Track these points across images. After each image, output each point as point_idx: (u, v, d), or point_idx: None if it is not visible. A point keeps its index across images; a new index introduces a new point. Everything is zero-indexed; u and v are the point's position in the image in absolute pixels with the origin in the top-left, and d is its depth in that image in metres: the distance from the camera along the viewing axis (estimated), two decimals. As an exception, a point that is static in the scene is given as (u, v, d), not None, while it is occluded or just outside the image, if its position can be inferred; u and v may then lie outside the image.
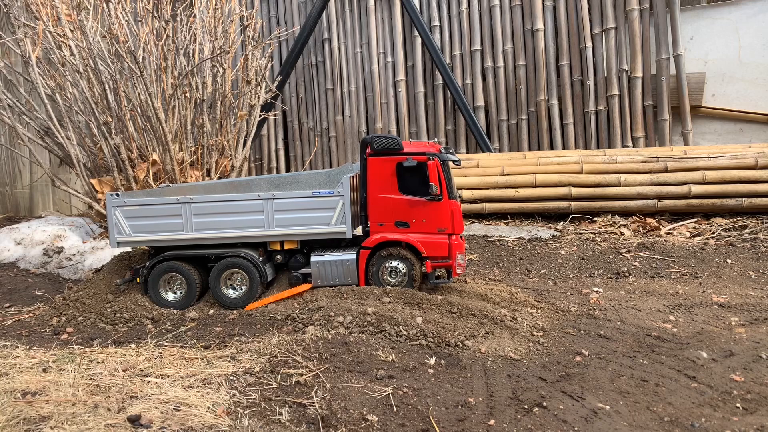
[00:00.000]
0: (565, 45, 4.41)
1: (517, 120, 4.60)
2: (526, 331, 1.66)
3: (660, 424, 1.12)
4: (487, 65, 4.68)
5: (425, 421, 1.13)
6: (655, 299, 1.98)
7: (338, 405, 1.17)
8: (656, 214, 3.29)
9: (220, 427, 1.07)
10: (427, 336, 1.58)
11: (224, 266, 1.99)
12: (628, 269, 2.40)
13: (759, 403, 1.19)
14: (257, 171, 5.49)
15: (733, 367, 1.36)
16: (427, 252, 1.96)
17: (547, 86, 4.48)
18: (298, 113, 5.39)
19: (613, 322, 1.74)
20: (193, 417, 1.10)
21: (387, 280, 1.98)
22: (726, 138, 4.19)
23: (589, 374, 1.35)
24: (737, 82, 4.16)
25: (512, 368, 1.40)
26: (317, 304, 1.84)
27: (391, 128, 4.98)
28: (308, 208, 1.98)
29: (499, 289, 2.08)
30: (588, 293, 2.09)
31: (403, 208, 1.97)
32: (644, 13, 4.18)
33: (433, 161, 1.93)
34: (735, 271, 2.32)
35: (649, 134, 4.22)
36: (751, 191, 3.12)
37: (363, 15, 5.06)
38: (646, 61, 4.20)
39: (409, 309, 1.77)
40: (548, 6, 4.44)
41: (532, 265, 2.54)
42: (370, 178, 1.99)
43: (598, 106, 4.35)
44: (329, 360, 1.41)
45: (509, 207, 3.52)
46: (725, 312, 1.81)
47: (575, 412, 1.16)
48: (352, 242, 2.05)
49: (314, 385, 1.26)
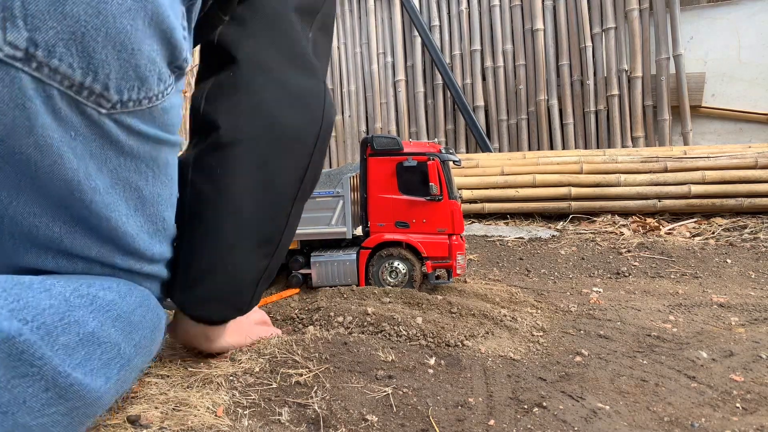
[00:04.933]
0: (565, 45, 4.41)
1: (517, 120, 4.60)
2: (526, 331, 1.66)
3: (660, 424, 1.12)
4: (486, 65, 4.68)
5: (425, 421, 1.13)
6: (655, 299, 1.98)
7: (338, 405, 1.17)
8: (656, 214, 3.29)
9: (220, 427, 1.07)
10: (427, 336, 1.58)
11: (224, 266, 1.98)
12: (628, 269, 2.40)
13: (759, 403, 1.19)
14: (257, 171, 5.50)
15: (733, 367, 1.36)
16: (427, 252, 1.96)
17: (547, 86, 4.48)
18: (298, 113, 5.39)
19: (613, 322, 1.74)
20: (193, 417, 1.10)
21: (387, 281, 1.97)
22: (726, 138, 4.19)
23: (589, 374, 1.35)
24: (737, 82, 4.16)
25: (512, 368, 1.40)
26: (317, 304, 1.84)
27: (391, 128, 4.98)
28: (308, 208, 1.98)
29: (499, 289, 2.08)
30: (588, 293, 2.09)
31: (403, 209, 1.97)
32: (644, 13, 4.18)
33: (433, 161, 1.93)
34: (735, 271, 2.32)
35: (649, 134, 4.22)
36: (751, 191, 3.12)
37: (362, 15, 5.06)
38: (646, 61, 4.21)
39: (409, 309, 1.77)
40: (548, 6, 4.44)
41: (532, 265, 2.54)
42: (370, 178, 1.99)
43: (598, 106, 4.35)
44: (329, 360, 1.41)
45: (509, 207, 3.53)
46: (725, 312, 1.81)
47: (575, 412, 1.16)
48: (352, 242, 2.05)
49: (314, 386, 1.26)
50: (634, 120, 4.22)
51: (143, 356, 1.04)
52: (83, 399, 0.85)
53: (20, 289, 0.80)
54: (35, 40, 0.78)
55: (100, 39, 0.82)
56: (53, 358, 0.80)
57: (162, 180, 1.03)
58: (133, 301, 1.01)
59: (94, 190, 0.91)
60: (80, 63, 0.82)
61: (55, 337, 0.81)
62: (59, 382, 0.80)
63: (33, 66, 0.79)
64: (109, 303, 0.94)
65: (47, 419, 0.80)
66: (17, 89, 0.79)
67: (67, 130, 0.85)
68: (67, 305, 0.86)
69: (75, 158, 0.88)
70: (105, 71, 0.84)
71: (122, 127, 0.92)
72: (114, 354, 0.92)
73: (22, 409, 0.76)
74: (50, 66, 0.80)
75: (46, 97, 0.82)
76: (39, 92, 0.81)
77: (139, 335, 1.01)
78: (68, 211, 0.91)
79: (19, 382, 0.75)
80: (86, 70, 0.83)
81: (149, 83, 0.91)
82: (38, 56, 0.79)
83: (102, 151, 0.91)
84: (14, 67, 0.79)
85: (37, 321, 0.79)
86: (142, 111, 0.93)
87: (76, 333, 0.85)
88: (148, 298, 1.07)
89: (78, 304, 0.88)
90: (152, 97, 0.93)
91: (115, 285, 0.99)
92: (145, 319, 1.04)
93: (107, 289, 0.96)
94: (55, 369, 0.80)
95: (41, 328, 0.79)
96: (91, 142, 0.89)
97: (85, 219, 0.93)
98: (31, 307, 0.79)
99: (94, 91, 0.85)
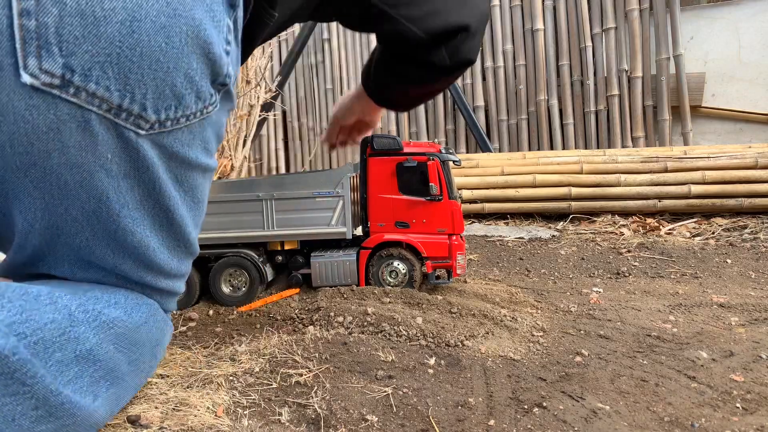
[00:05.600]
0: (565, 45, 4.41)
1: (517, 120, 4.60)
2: (526, 331, 1.66)
3: (660, 424, 1.12)
4: (487, 65, 4.67)
5: (425, 422, 1.13)
6: (655, 299, 1.98)
7: (338, 405, 1.17)
8: (656, 214, 3.29)
9: (220, 427, 1.07)
10: (427, 336, 1.58)
11: (224, 266, 1.98)
12: (628, 269, 2.40)
13: (759, 403, 1.19)
14: (257, 171, 5.49)
15: (733, 367, 1.36)
16: (427, 252, 1.96)
17: (547, 86, 4.48)
18: (298, 113, 5.39)
19: (613, 322, 1.74)
20: (193, 417, 1.10)
21: (387, 281, 1.97)
22: (726, 138, 4.19)
23: (589, 374, 1.35)
24: (737, 82, 4.16)
25: (512, 368, 1.40)
26: (317, 304, 1.84)
27: (391, 128, 4.98)
28: (308, 208, 1.98)
29: (499, 289, 2.08)
30: (588, 293, 2.09)
31: (403, 209, 1.97)
32: (644, 13, 4.18)
33: (433, 161, 1.93)
34: (735, 271, 2.32)
35: (649, 134, 4.22)
36: (751, 191, 3.12)
37: (363, 15, 5.07)
38: (646, 61, 4.20)
39: (409, 309, 1.77)
40: (548, 6, 4.44)
41: (532, 265, 2.54)
42: (370, 178, 1.99)
43: (598, 106, 4.35)
44: (329, 360, 1.40)
45: (509, 207, 3.53)
46: (725, 312, 1.81)
47: (575, 412, 1.16)
48: (352, 242, 2.05)
49: (314, 386, 1.26)
50: (634, 120, 4.22)
51: (140, 373, 1.04)
52: (73, 417, 0.84)
53: (25, 300, 0.80)
54: (71, 65, 0.77)
55: (135, 59, 0.80)
56: (46, 377, 0.79)
57: (190, 202, 1.03)
58: (139, 317, 1.00)
59: (123, 205, 0.91)
60: (117, 85, 0.81)
61: (50, 353, 0.80)
62: (50, 400, 0.79)
63: (70, 92, 0.78)
64: (113, 320, 0.93)
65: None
66: (53, 116, 0.78)
67: (102, 152, 0.85)
68: (70, 320, 0.85)
69: (107, 177, 0.87)
70: (141, 91, 0.83)
71: (158, 149, 0.91)
72: (106, 372, 0.92)
73: (11, 426, 0.75)
74: (87, 90, 0.79)
75: (83, 121, 0.81)
76: (76, 117, 0.80)
77: (138, 353, 1.00)
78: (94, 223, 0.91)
79: (10, 400, 0.74)
80: (123, 91, 0.81)
81: (186, 101, 0.89)
82: (75, 81, 0.78)
83: (136, 173, 0.90)
84: (51, 94, 0.78)
85: (35, 336, 0.78)
86: (179, 129, 0.92)
87: (72, 350, 0.84)
88: (155, 313, 1.07)
89: (81, 319, 0.87)
90: (190, 115, 0.92)
91: (122, 300, 0.98)
92: (149, 336, 1.03)
93: (113, 305, 0.95)
94: (47, 387, 0.79)
95: (38, 344, 0.78)
96: (125, 163, 0.88)
97: (111, 232, 0.92)
98: (32, 320, 0.79)
99: (132, 113, 0.84)
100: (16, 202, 0.86)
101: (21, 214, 0.87)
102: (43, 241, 0.91)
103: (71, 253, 0.93)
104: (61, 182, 0.84)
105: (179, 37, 0.84)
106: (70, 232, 0.90)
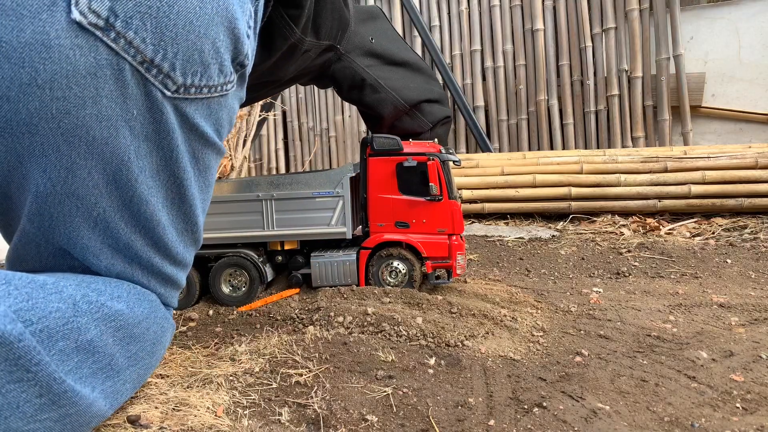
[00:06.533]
0: (565, 45, 4.41)
1: (517, 120, 4.60)
2: (526, 331, 1.66)
3: (660, 424, 1.12)
4: (487, 65, 4.68)
5: (425, 422, 1.13)
6: (655, 299, 1.98)
7: (338, 405, 1.17)
8: (656, 214, 3.29)
9: (220, 427, 1.07)
10: (427, 336, 1.58)
11: (224, 266, 1.98)
12: (628, 269, 2.40)
13: (759, 403, 1.19)
14: (257, 171, 5.49)
15: (733, 367, 1.36)
16: (427, 252, 1.95)
17: (547, 86, 4.48)
18: (298, 113, 5.39)
19: (613, 322, 1.74)
20: (193, 417, 1.10)
21: (387, 281, 1.97)
22: (726, 138, 4.19)
23: (589, 374, 1.35)
24: (737, 82, 4.16)
25: (512, 368, 1.39)
26: (317, 304, 1.84)
27: (391, 128, 4.98)
28: (308, 208, 1.98)
29: (499, 289, 2.08)
30: (588, 293, 2.09)
31: (403, 209, 1.97)
32: (644, 13, 4.18)
33: (433, 161, 1.93)
34: (735, 271, 2.32)
35: (649, 134, 4.22)
36: (751, 191, 3.12)
37: (363, 15, 5.06)
38: (646, 61, 4.20)
39: (409, 309, 1.77)
40: (548, 6, 4.44)
41: (532, 265, 2.54)
42: (370, 178, 1.99)
43: (598, 106, 4.35)
44: (329, 360, 1.40)
45: (509, 207, 3.52)
46: (725, 312, 1.81)
47: (575, 412, 1.16)
48: (352, 242, 2.05)
49: (314, 386, 1.26)
50: (634, 120, 4.21)
51: (138, 368, 1.04)
52: (76, 406, 0.85)
53: (32, 288, 0.81)
54: (115, 10, 0.82)
55: (172, 16, 0.85)
56: (50, 364, 0.80)
57: (201, 183, 1.06)
58: (141, 312, 1.01)
59: (141, 170, 0.94)
60: (152, 38, 0.85)
61: (54, 342, 0.81)
62: (54, 388, 0.81)
63: (111, 36, 0.83)
64: (114, 313, 0.94)
65: (39, 425, 0.80)
66: (92, 59, 0.82)
67: (129, 107, 0.88)
68: (74, 310, 0.86)
69: (130, 135, 0.90)
70: (173, 50, 0.88)
71: (179, 115, 0.95)
72: (104, 364, 0.92)
73: (15, 413, 0.76)
74: (126, 38, 0.84)
75: (117, 70, 0.85)
76: (112, 64, 0.84)
77: (136, 347, 1.01)
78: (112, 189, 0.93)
79: (14, 386, 0.76)
80: (157, 46, 0.86)
81: (210, 71, 0.95)
82: (117, 26, 0.83)
83: (156, 135, 0.93)
84: (94, 35, 0.82)
85: (40, 324, 0.79)
86: (201, 100, 0.97)
87: (74, 339, 0.85)
88: (156, 309, 1.08)
89: (85, 310, 0.88)
90: (212, 87, 0.98)
91: (125, 294, 0.99)
92: (148, 332, 1.04)
93: (116, 299, 0.96)
94: (50, 375, 0.80)
95: (43, 332, 0.80)
96: (148, 124, 0.92)
97: (127, 200, 0.95)
98: (38, 308, 0.80)
99: (162, 70, 0.89)
100: (42, 159, 0.86)
101: (44, 174, 0.87)
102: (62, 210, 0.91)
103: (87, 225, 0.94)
104: (89, 137, 0.86)
105: (211, 4, 0.90)
106: (90, 202, 0.92)
